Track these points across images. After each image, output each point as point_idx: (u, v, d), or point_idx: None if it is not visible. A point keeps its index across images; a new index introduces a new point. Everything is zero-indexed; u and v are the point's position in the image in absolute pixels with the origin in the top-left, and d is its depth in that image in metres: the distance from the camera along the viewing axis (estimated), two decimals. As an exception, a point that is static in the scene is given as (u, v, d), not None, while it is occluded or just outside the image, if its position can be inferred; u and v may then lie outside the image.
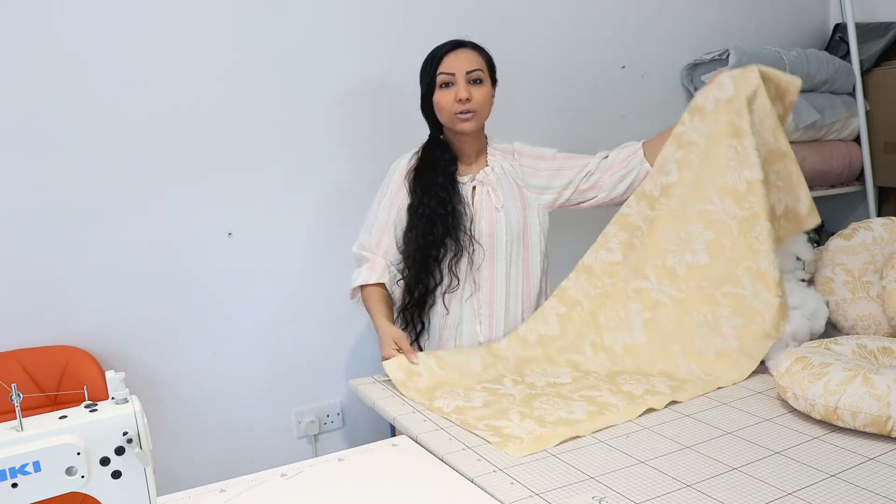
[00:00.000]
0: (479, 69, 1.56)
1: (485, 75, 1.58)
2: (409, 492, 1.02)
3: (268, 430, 1.98)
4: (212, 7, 1.79)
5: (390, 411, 1.32)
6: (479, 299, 1.62)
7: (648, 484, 0.99)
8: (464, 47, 1.58)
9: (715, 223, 1.46)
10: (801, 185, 1.52)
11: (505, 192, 1.63)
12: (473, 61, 1.56)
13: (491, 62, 1.62)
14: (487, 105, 1.59)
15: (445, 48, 1.58)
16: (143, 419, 0.82)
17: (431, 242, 1.56)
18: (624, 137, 2.46)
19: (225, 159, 1.84)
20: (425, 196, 1.59)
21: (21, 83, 1.63)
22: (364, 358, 2.05)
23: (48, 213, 1.68)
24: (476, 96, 1.55)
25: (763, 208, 1.41)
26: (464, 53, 1.57)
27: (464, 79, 1.54)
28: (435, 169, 1.61)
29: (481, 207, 1.62)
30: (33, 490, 0.76)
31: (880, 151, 2.59)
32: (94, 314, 1.75)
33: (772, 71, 1.51)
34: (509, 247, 1.61)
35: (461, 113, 1.55)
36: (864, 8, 2.65)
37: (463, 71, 1.55)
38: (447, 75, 1.55)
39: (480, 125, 1.61)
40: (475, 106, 1.55)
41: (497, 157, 1.67)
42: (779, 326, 1.39)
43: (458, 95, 1.54)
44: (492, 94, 1.61)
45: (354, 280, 1.64)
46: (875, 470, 0.99)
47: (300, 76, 1.90)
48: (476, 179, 1.64)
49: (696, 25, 2.51)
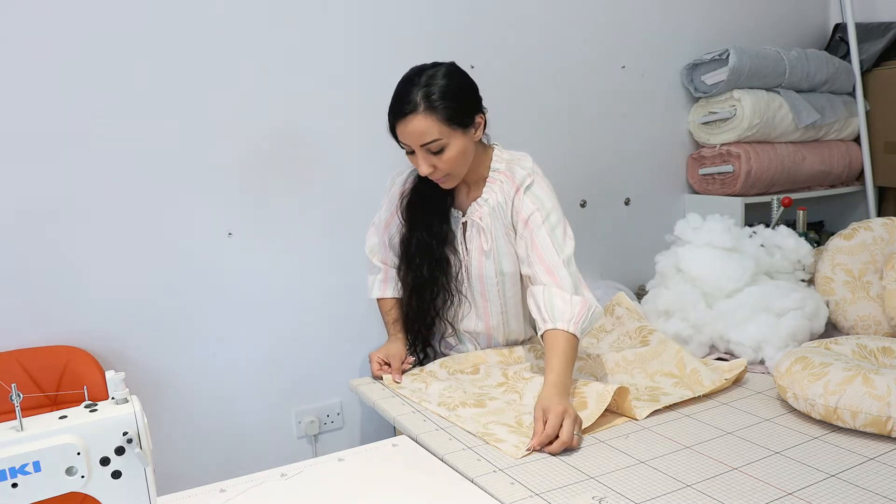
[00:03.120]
0: (434, 139, 1.34)
1: (447, 139, 1.36)
2: (408, 492, 1.02)
3: (268, 430, 1.98)
4: (214, 6, 1.79)
5: (390, 411, 1.32)
6: (476, 327, 1.59)
7: (648, 484, 0.99)
8: (413, 114, 1.34)
9: None
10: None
11: (496, 231, 1.48)
12: (425, 132, 1.34)
13: (456, 110, 1.36)
14: (459, 163, 1.40)
15: (395, 115, 1.38)
16: (143, 419, 0.82)
17: (422, 285, 1.54)
18: (624, 137, 2.48)
19: (225, 159, 1.84)
20: (415, 234, 1.53)
21: (20, 83, 1.63)
22: (364, 358, 2.05)
23: (48, 213, 1.68)
24: (440, 165, 1.38)
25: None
26: (413, 123, 1.34)
27: (421, 151, 1.37)
28: (426, 205, 1.52)
29: (472, 248, 1.52)
30: (33, 490, 0.76)
31: (880, 151, 2.59)
32: (94, 314, 1.75)
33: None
34: (501, 286, 1.53)
35: (433, 178, 1.43)
36: (864, 8, 2.65)
37: (417, 144, 1.36)
38: (405, 145, 1.39)
39: (460, 179, 1.46)
40: (442, 173, 1.40)
41: (496, 186, 1.49)
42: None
43: (420, 170, 1.40)
44: (464, 146, 1.39)
45: (370, 291, 1.67)
46: (875, 470, 0.99)
47: (301, 76, 1.90)
48: (467, 215, 1.51)
49: (696, 25, 2.51)
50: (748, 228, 1.77)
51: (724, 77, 2.35)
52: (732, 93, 2.38)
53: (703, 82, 2.45)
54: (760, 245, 1.69)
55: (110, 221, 1.74)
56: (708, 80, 2.43)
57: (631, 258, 2.44)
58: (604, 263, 2.44)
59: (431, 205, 1.52)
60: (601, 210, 2.43)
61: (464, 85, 1.42)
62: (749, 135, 2.39)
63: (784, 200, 2.09)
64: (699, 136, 2.54)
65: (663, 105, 2.50)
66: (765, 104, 2.38)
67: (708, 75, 2.43)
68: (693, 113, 2.55)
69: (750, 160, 2.37)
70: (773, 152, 2.44)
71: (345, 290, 2.02)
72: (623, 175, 2.47)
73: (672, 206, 2.56)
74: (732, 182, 2.41)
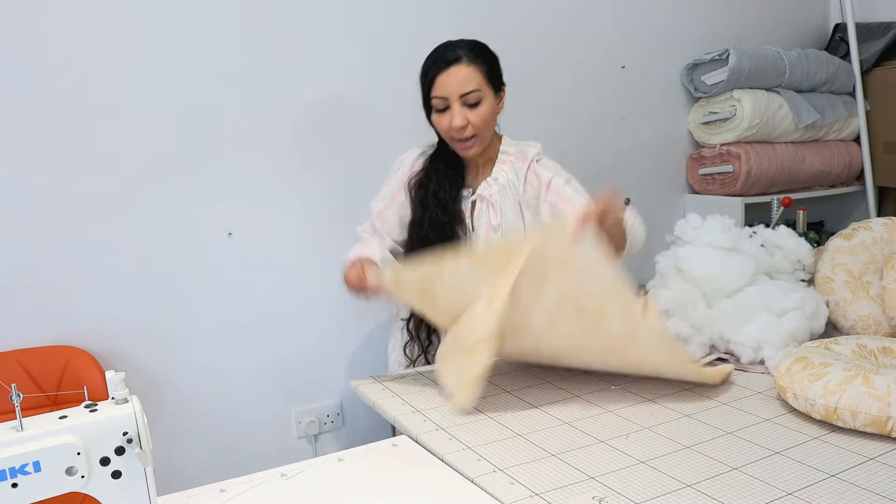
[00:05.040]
0: (474, 90, 1.40)
1: (484, 92, 1.42)
2: (408, 492, 1.02)
3: (268, 430, 1.98)
4: (213, 6, 1.79)
5: (390, 411, 1.32)
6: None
7: (648, 484, 0.99)
8: (457, 63, 1.40)
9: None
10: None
11: (505, 208, 1.52)
12: (468, 81, 1.40)
13: (492, 69, 1.46)
14: (489, 125, 1.46)
15: (437, 66, 1.41)
16: (143, 419, 0.82)
17: None
18: (624, 137, 2.48)
19: (225, 159, 1.84)
20: (425, 214, 1.50)
21: (18, 83, 1.63)
22: (364, 358, 2.05)
23: (48, 213, 1.68)
24: (474, 120, 1.42)
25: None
26: (456, 72, 1.39)
27: (458, 102, 1.40)
28: (439, 184, 1.51)
29: (479, 225, 1.53)
30: (33, 490, 0.75)
31: (880, 151, 2.59)
32: (94, 314, 1.75)
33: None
34: None
35: (460, 140, 1.45)
36: (864, 8, 2.65)
37: (456, 94, 1.40)
38: (440, 100, 1.42)
39: (483, 146, 1.50)
40: (473, 131, 1.43)
41: (506, 166, 1.54)
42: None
43: (453, 123, 1.41)
44: (495, 107, 1.47)
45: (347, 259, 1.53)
46: (875, 470, 0.99)
47: (301, 76, 1.90)
48: (476, 193, 1.54)
49: (696, 25, 2.51)
50: (748, 228, 1.77)
51: (724, 77, 2.35)
52: (732, 93, 2.38)
53: (703, 82, 2.45)
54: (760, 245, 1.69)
55: (110, 221, 1.74)
56: (708, 80, 2.43)
57: (631, 258, 2.43)
58: (604, 263, 2.43)
59: (445, 183, 1.51)
60: (601, 210, 2.43)
61: (494, 54, 1.50)
62: (749, 135, 2.39)
63: (784, 200, 2.09)
64: (699, 136, 2.54)
65: (663, 105, 2.51)
66: (765, 104, 2.38)
67: (708, 75, 2.43)
68: (693, 113, 2.55)
69: (750, 160, 2.37)
70: (773, 152, 2.44)
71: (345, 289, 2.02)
72: (623, 175, 2.47)
73: (672, 206, 2.56)
74: (732, 182, 2.41)
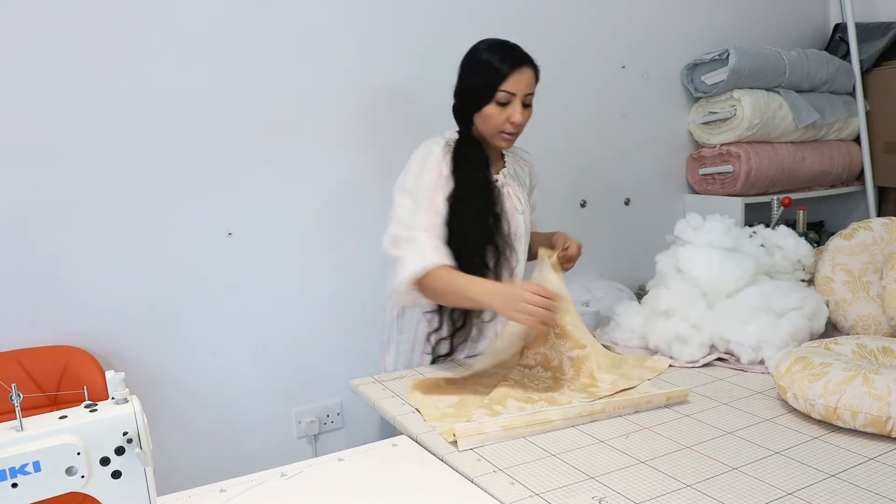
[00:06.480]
0: (532, 93, 1.51)
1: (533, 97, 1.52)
2: (409, 492, 1.02)
3: (268, 430, 1.98)
4: (213, 6, 1.79)
5: (390, 411, 1.32)
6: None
7: (648, 484, 0.99)
8: (528, 65, 1.49)
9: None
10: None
11: (521, 195, 1.62)
12: (532, 83, 1.50)
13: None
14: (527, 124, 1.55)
15: (513, 63, 1.47)
16: (143, 419, 0.82)
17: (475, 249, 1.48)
18: (624, 137, 2.48)
19: (225, 159, 1.84)
20: (467, 197, 1.49)
21: (19, 84, 1.63)
22: (364, 358, 2.05)
23: (48, 213, 1.68)
24: (525, 119, 1.50)
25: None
26: (527, 74, 1.48)
27: (520, 101, 1.48)
28: (475, 168, 1.53)
29: (508, 208, 1.58)
30: (33, 490, 0.75)
31: (880, 151, 2.59)
32: (94, 314, 1.75)
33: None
34: (526, 240, 1.62)
35: (508, 133, 1.50)
36: (864, 8, 2.65)
37: (522, 92, 1.48)
38: (508, 94, 1.47)
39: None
40: (521, 128, 1.51)
41: (511, 159, 1.64)
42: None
43: (513, 118, 1.47)
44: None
45: (407, 269, 1.36)
46: (875, 470, 0.99)
47: (301, 76, 1.90)
48: (500, 180, 1.59)
49: (696, 25, 2.51)
50: (748, 228, 1.77)
51: (724, 77, 2.35)
52: (732, 93, 2.38)
53: (703, 82, 2.45)
54: (760, 245, 1.69)
55: (111, 221, 1.74)
56: (708, 80, 2.43)
57: (631, 258, 2.44)
58: (604, 263, 2.44)
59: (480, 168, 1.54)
60: (601, 210, 2.43)
61: None
62: (749, 135, 2.39)
63: (784, 200, 2.09)
64: (699, 136, 2.54)
65: (663, 105, 2.51)
66: (765, 104, 2.38)
67: (708, 75, 2.43)
68: (693, 113, 2.55)
69: (750, 160, 2.37)
70: (773, 152, 2.44)
71: (345, 290, 2.02)
72: (623, 175, 2.47)
73: (672, 206, 2.57)
74: (732, 182, 2.41)
